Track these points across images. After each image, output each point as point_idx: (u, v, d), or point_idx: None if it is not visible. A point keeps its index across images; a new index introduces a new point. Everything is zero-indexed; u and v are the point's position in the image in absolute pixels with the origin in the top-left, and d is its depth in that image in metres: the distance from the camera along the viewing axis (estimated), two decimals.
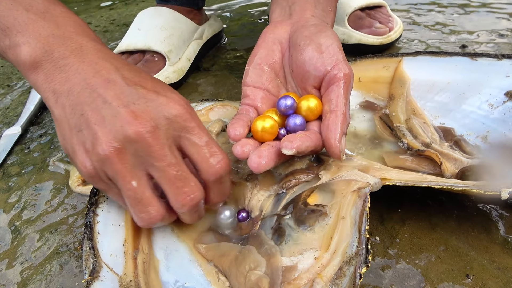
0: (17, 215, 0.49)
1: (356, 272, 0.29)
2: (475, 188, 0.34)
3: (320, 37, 0.39)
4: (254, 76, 0.42)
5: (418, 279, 0.36)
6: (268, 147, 0.35)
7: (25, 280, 0.40)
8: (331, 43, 0.38)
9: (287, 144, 0.33)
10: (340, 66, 0.37)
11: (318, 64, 0.38)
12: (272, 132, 0.37)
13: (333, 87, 0.37)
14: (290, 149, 0.33)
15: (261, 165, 0.34)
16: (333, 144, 0.34)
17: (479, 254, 0.37)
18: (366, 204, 0.33)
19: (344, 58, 0.38)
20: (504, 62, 0.48)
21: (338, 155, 0.35)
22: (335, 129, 0.35)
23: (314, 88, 0.39)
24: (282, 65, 0.42)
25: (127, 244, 0.34)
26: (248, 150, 0.35)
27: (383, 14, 0.74)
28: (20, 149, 0.61)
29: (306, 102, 0.38)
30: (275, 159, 0.35)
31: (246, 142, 0.36)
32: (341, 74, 0.37)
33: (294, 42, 0.41)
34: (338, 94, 0.36)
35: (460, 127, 0.47)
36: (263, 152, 0.34)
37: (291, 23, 0.43)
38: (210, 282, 0.33)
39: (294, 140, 0.34)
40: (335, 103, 0.36)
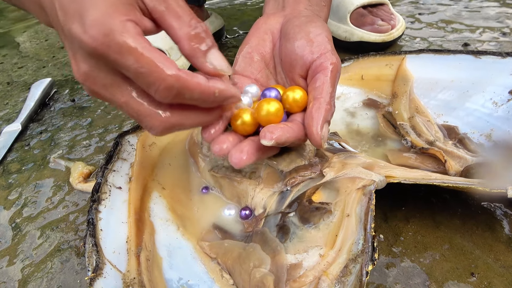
0: (18, 212, 0.48)
1: (363, 269, 0.28)
2: (480, 186, 0.34)
3: (309, 27, 0.38)
4: (243, 65, 0.41)
5: (422, 278, 0.35)
6: (249, 142, 0.34)
7: (26, 277, 0.40)
8: (320, 33, 0.38)
9: (266, 134, 0.32)
10: (327, 55, 0.36)
11: (306, 52, 0.37)
12: (252, 124, 0.36)
13: (319, 75, 0.36)
14: (269, 140, 0.32)
15: (242, 160, 0.32)
16: (314, 131, 0.34)
17: (483, 252, 0.37)
18: (371, 202, 0.33)
19: (333, 48, 0.37)
20: (509, 60, 0.48)
21: (318, 143, 0.34)
22: (318, 116, 0.34)
23: (301, 77, 0.38)
24: (272, 55, 0.42)
25: (130, 241, 0.34)
26: (226, 147, 0.33)
27: (385, 11, 0.74)
28: (20, 146, 0.61)
29: (291, 93, 0.37)
30: (255, 154, 0.33)
31: (224, 139, 0.34)
32: (328, 63, 0.36)
33: (285, 31, 0.40)
34: (324, 82, 0.35)
35: (464, 125, 0.47)
36: (244, 147, 0.33)
37: (284, 14, 0.43)
38: (214, 280, 0.33)
39: (274, 130, 0.33)
40: (320, 91, 0.35)
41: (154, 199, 0.40)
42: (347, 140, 0.46)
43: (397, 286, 0.35)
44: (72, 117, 0.66)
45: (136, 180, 0.40)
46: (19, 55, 0.95)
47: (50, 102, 0.72)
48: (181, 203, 0.41)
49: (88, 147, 0.58)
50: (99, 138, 0.60)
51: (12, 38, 1.06)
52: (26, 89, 0.78)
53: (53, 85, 0.76)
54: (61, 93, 0.75)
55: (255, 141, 0.34)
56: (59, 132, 0.63)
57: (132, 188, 0.39)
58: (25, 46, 1.00)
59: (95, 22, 0.26)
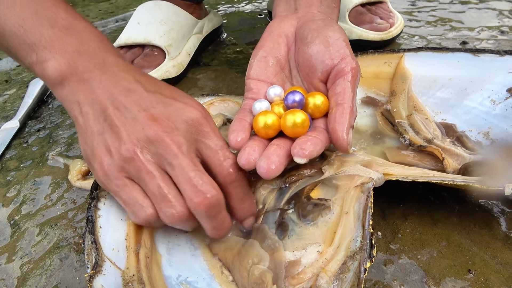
0: (16, 209, 0.48)
1: (361, 266, 0.28)
2: (478, 184, 0.34)
3: (327, 31, 0.39)
4: (258, 69, 0.41)
5: (420, 274, 0.36)
6: (275, 149, 0.34)
7: (25, 274, 0.40)
8: (339, 37, 0.38)
9: (299, 151, 0.32)
10: (347, 60, 0.37)
11: (325, 57, 0.37)
12: (275, 129, 0.36)
13: (339, 81, 0.36)
14: (302, 157, 0.32)
15: (270, 171, 0.32)
16: (341, 137, 0.34)
17: (480, 249, 0.37)
18: (370, 199, 0.33)
19: (351, 53, 0.38)
20: (507, 58, 0.48)
21: (345, 148, 0.34)
22: (343, 122, 0.34)
23: (321, 82, 0.39)
24: (287, 59, 0.42)
25: (129, 238, 0.34)
26: (254, 158, 0.33)
27: (384, 9, 0.74)
28: (18, 143, 0.61)
29: (312, 99, 0.37)
30: (284, 162, 0.33)
31: (251, 150, 0.34)
32: (349, 68, 0.36)
33: (301, 35, 0.40)
34: (345, 87, 0.36)
35: (462, 123, 0.47)
36: (272, 157, 0.33)
37: (297, 17, 0.43)
38: (214, 276, 0.33)
39: (305, 146, 0.32)
40: (342, 96, 0.35)
41: None
42: None
43: (394, 283, 0.35)
44: None
45: None
46: None
47: (48, 100, 0.72)
48: None
49: None
50: None
51: None
52: (24, 86, 0.77)
53: None
54: None
55: (282, 148, 0.34)
56: (58, 130, 0.63)
57: None
58: None
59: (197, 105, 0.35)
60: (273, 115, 0.36)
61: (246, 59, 0.78)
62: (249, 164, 0.33)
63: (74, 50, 0.35)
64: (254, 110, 0.38)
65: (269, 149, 0.34)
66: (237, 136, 0.35)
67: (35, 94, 0.70)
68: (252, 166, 0.33)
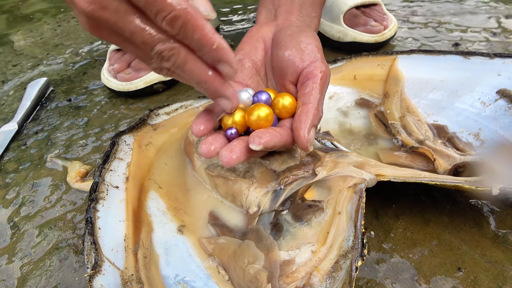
0: (16, 211, 0.49)
1: (352, 265, 0.29)
2: (467, 184, 0.35)
3: (300, 36, 0.40)
4: None
5: (411, 273, 0.37)
6: (239, 141, 0.35)
7: (24, 275, 0.41)
8: (310, 42, 0.40)
9: (255, 139, 0.33)
10: (317, 63, 0.38)
11: (296, 59, 0.39)
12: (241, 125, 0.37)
13: (308, 82, 0.37)
14: (257, 145, 0.33)
15: (232, 159, 0.34)
16: (301, 134, 0.35)
17: (470, 248, 0.38)
18: (362, 200, 0.34)
19: (323, 57, 0.39)
20: (496, 60, 0.49)
21: (305, 146, 0.35)
22: (305, 121, 0.35)
23: (291, 84, 0.40)
24: (264, 62, 0.43)
25: (127, 239, 0.35)
26: (214, 148, 0.35)
27: (378, 12, 0.75)
28: (17, 145, 0.61)
29: (281, 99, 0.38)
30: (246, 153, 0.35)
31: (214, 139, 0.36)
32: (317, 71, 0.37)
33: (277, 40, 0.42)
34: (313, 88, 0.37)
35: (453, 125, 0.48)
36: (234, 147, 0.34)
37: (276, 24, 0.44)
38: (210, 276, 0.34)
39: (263, 135, 0.34)
40: (309, 96, 0.37)
41: (151, 198, 0.41)
42: (339, 139, 0.47)
43: (386, 281, 0.36)
44: (69, 116, 0.67)
45: (133, 179, 0.41)
46: (13, 53, 0.95)
47: (46, 102, 0.72)
48: (178, 201, 0.42)
49: (85, 147, 0.59)
50: (95, 137, 0.61)
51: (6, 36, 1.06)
52: (22, 88, 0.78)
53: (49, 84, 0.76)
54: (57, 93, 0.75)
55: (245, 141, 0.35)
56: (56, 132, 0.63)
57: (129, 187, 0.40)
58: (19, 44, 1.00)
59: None
60: (239, 112, 0.37)
61: None
62: (210, 153, 0.35)
63: None
64: (241, 99, 0.38)
65: (233, 141, 0.36)
66: (200, 125, 0.36)
67: (33, 96, 0.70)
68: (212, 154, 0.35)
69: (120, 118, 0.64)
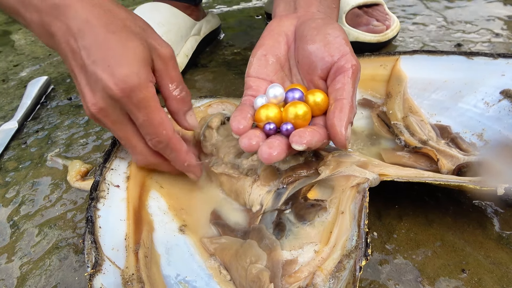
0: (16, 210, 0.49)
1: (356, 265, 0.29)
2: (471, 184, 0.34)
3: (327, 29, 0.39)
4: (258, 68, 0.41)
5: (415, 274, 0.36)
6: (278, 138, 0.35)
7: (24, 274, 0.41)
8: (338, 35, 0.38)
9: (297, 139, 0.33)
10: (347, 57, 0.37)
11: (325, 54, 0.37)
12: (276, 122, 0.36)
13: (339, 77, 0.36)
14: (300, 145, 0.33)
15: (272, 156, 0.33)
16: (339, 132, 0.34)
17: (474, 249, 0.38)
18: (365, 199, 0.34)
19: (351, 50, 0.38)
20: (500, 61, 0.49)
21: (343, 144, 0.34)
22: (342, 117, 0.34)
23: (321, 79, 0.39)
24: (287, 57, 0.42)
25: (128, 238, 0.35)
26: (256, 142, 0.35)
27: (381, 12, 0.75)
28: (17, 144, 0.61)
29: (312, 96, 0.37)
30: (286, 150, 0.34)
31: (253, 134, 0.35)
32: (349, 65, 0.36)
33: (301, 34, 0.40)
34: (345, 83, 0.36)
35: (456, 125, 0.48)
36: (274, 143, 0.34)
37: (297, 16, 0.43)
38: (212, 276, 0.34)
39: (303, 135, 0.33)
40: (342, 92, 0.36)
41: (152, 197, 0.41)
42: None
43: (390, 282, 0.36)
44: (69, 115, 0.67)
45: (134, 178, 0.41)
46: (14, 52, 0.95)
47: (47, 100, 0.72)
48: (179, 201, 0.42)
49: (85, 146, 0.58)
50: (96, 136, 0.60)
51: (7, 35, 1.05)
52: (22, 87, 0.78)
53: (50, 83, 0.76)
54: (58, 91, 0.75)
55: (283, 138, 0.35)
56: (56, 131, 0.63)
57: (130, 186, 0.40)
58: (20, 43, 1.00)
59: (125, 78, 0.33)
60: (274, 108, 0.37)
61: (243, 60, 0.78)
62: (251, 147, 0.35)
63: None
64: (256, 105, 0.38)
65: (272, 138, 0.35)
66: (239, 124, 0.36)
67: (34, 94, 0.70)
68: (253, 149, 0.35)
69: None
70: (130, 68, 0.34)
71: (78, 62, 0.35)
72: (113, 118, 0.36)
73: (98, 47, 0.34)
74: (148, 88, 0.35)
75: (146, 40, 0.36)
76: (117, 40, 0.34)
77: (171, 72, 0.38)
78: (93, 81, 0.35)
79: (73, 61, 0.36)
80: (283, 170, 0.38)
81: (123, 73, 0.33)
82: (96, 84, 0.35)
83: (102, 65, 0.34)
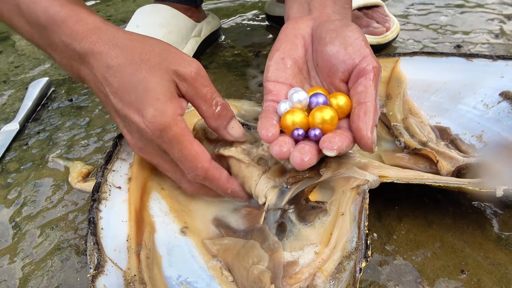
0: (17, 211, 0.49)
1: (356, 266, 0.29)
2: (471, 186, 0.35)
3: (346, 31, 0.39)
4: (276, 71, 0.41)
5: (414, 275, 0.36)
6: (308, 143, 0.35)
7: (26, 275, 0.41)
8: (358, 37, 0.38)
9: (327, 145, 0.33)
10: (368, 59, 0.37)
11: (346, 57, 0.37)
12: (303, 127, 0.37)
13: (361, 80, 0.36)
14: (331, 150, 0.33)
15: (304, 162, 0.34)
16: (365, 135, 0.34)
17: (473, 250, 0.38)
18: (365, 201, 0.34)
19: (371, 52, 0.38)
20: (499, 63, 0.49)
21: (370, 147, 0.34)
22: (367, 120, 0.34)
23: (342, 82, 0.39)
24: (305, 60, 0.42)
25: (130, 239, 0.35)
26: (287, 149, 0.35)
27: (380, 13, 0.75)
28: (18, 145, 0.61)
29: (335, 100, 0.37)
30: (316, 155, 0.35)
31: (284, 141, 0.35)
32: (370, 67, 0.36)
33: (319, 36, 0.40)
34: (368, 86, 0.36)
35: (455, 126, 0.48)
36: (305, 149, 0.34)
37: (312, 18, 0.42)
38: (214, 277, 0.34)
39: (333, 140, 0.34)
40: (365, 94, 0.35)
41: (153, 198, 0.41)
42: None
43: (389, 283, 0.36)
44: (70, 116, 0.67)
45: (135, 180, 0.41)
46: (15, 53, 0.95)
47: (48, 102, 0.72)
48: (180, 203, 0.42)
49: (87, 147, 0.59)
50: (97, 137, 0.61)
51: (7, 36, 1.06)
52: (23, 88, 0.78)
53: (51, 84, 0.76)
54: (59, 93, 0.75)
55: (313, 143, 0.36)
56: (57, 132, 0.63)
57: (131, 188, 0.40)
58: (21, 44, 1.00)
59: (153, 119, 0.34)
60: (300, 113, 0.37)
61: (244, 62, 0.78)
62: (281, 154, 0.35)
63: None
64: (280, 111, 0.38)
65: (302, 143, 0.36)
66: (268, 131, 0.36)
67: (35, 96, 0.70)
68: (284, 156, 0.35)
69: None
70: (155, 108, 0.34)
71: (112, 107, 0.37)
72: (154, 155, 0.38)
73: (124, 91, 0.35)
74: (177, 124, 0.35)
75: (167, 69, 0.36)
76: (139, 81, 0.35)
77: (200, 91, 0.37)
78: (128, 124, 0.37)
79: (108, 106, 0.38)
80: (289, 170, 0.39)
81: (150, 114, 0.34)
82: (131, 127, 0.37)
83: (132, 108, 0.35)
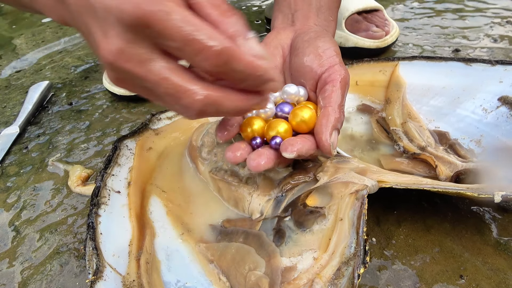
0: (17, 215, 0.49)
1: (355, 272, 0.29)
2: (469, 191, 0.35)
3: (318, 41, 0.40)
4: None
5: (413, 280, 0.36)
6: (267, 147, 0.35)
7: (25, 279, 0.41)
8: (329, 47, 0.39)
9: (288, 147, 0.33)
10: (335, 67, 0.37)
11: (314, 65, 0.38)
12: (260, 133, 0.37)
13: (327, 86, 0.37)
14: (291, 152, 0.33)
15: (260, 165, 0.33)
16: (323, 138, 0.34)
17: (472, 255, 0.38)
18: (364, 206, 0.34)
19: (341, 61, 0.38)
20: (498, 67, 0.49)
21: (328, 150, 0.34)
22: (326, 124, 0.35)
23: (311, 91, 0.39)
24: (282, 69, 0.43)
25: (132, 244, 0.35)
26: (240, 154, 0.35)
27: (380, 18, 0.75)
28: (18, 149, 0.61)
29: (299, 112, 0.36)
30: (274, 159, 0.35)
31: (238, 147, 0.35)
32: (337, 75, 0.37)
33: (295, 47, 0.41)
34: (332, 91, 0.36)
35: (454, 131, 0.48)
36: (263, 152, 0.34)
37: (294, 29, 0.44)
38: (212, 282, 0.34)
39: (294, 143, 0.34)
40: (328, 100, 0.36)
41: (153, 203, 0.41)
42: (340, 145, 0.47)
43: None
44: (70, 120, 0.67)
45: (134, 184, 0.41)
46: (15, 56, 0.96)
47: (48, 105, 0.72)
48: (180, 206, 0.42)
49: (86, 151, 0.59)
50: (97, 141, 0.61)
51: (8, 39, 1.06)
52: (24, 92, 0.78)
53: (51, 88, 0.76)
54: (59, 96, 0.75)
55: (272, 148, 0.35)
56: (57, 135, 0.63)
57: (131, 192, 0.40)
58: (21, 47, 1.01)
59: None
60: (260, 121, 0.37)
61: None
62: (235, 159, 0.35)
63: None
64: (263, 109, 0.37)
65: (261, 148, 0.36)
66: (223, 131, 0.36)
67: (35, 99, 0.70)
68: (238, 160, 0.35)
69: (122, 122, 0.64)
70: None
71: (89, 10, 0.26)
72: (140, 58, 0.26)
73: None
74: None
75: None
76: None
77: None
78: (103, 18, 0.26)
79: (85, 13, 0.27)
80: (282, 178, 0.39)
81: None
82: (106, 20, 0.26)
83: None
